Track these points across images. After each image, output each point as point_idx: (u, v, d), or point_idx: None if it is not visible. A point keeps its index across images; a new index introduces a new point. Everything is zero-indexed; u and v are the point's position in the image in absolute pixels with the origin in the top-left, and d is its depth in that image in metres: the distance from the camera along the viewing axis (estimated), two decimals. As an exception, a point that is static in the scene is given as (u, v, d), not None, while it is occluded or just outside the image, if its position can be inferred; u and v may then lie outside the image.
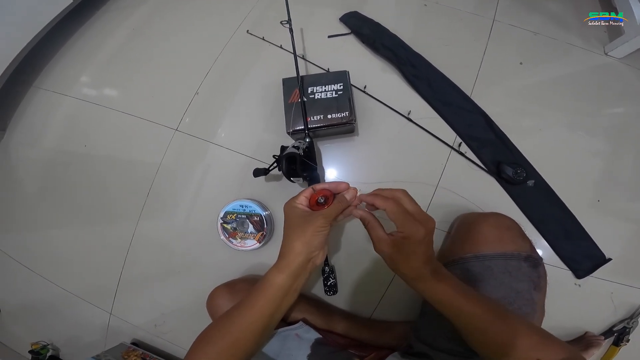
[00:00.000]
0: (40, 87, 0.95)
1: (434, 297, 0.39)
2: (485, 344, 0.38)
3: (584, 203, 0.71)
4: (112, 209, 0.83)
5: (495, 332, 0.37)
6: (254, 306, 0.40)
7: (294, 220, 0.42)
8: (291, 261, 0.40)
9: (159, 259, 0.80)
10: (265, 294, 0.40)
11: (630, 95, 0.79)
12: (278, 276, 0.40)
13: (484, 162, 0.73)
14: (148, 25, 0.97)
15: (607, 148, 0.75)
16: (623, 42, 0.78)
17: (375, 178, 0.74)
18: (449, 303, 0.39)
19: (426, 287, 0.39)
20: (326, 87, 0.70)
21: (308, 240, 0.40)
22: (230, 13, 0.92)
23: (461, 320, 0.39)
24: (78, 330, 0.84)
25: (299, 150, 0.62)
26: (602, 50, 0.83)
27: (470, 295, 0.39)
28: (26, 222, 0.88)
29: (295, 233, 0.41)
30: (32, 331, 0.86)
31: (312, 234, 0.40)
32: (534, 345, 0.35)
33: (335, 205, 0.43)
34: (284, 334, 0.56)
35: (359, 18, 0.86)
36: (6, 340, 0.89)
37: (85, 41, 0.98)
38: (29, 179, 0.89)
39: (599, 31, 0.86)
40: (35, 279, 0.85)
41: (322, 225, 0.40)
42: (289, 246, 0.41)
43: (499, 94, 0.79)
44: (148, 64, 0.91)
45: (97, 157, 0.86)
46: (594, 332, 0.68)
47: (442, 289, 0.39)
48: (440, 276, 0.40)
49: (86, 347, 0.82)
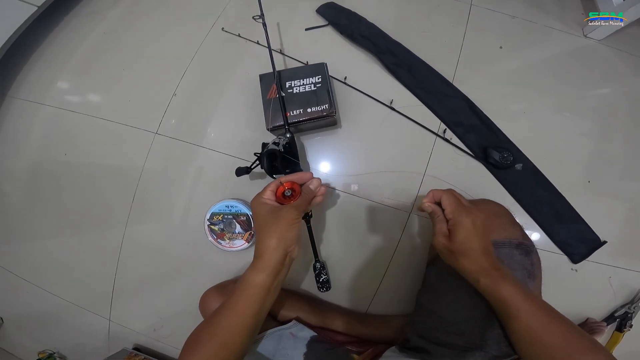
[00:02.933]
0: (15, 96, 0.92)
1: (495, 293, 0.38)
2: (536, 348, 0.37)
3: (575, 185, 0.71)
4: (99, 215, 0.82)
5: (549, 334, 0.35)
6: (237, 308, 0.40)
7: (265, 217, 0.42)
8: (269, 259, 0.40)
9: (150, 264, 0.79)
10: (247, 295, 0.40)
11: (613, 75, 0.79)
12: (258, 276, 0.40)
13: (470, 148, 0.72)
14: (120, 28, 0.94)
15: (594, 129, 0.74)
16: (600, 23, 0.77)
17: (361, 169, 0.73)
18: (509, 301, 0.37)
19: (488, 282, 0.39)
20: (304, 80, 0.69)
21: (283, 235, 0.40)
22: (203, 11, 0.90)
23: (518, 320, 0.37)
24: (81, 338, 0.85)
25: (278, 146, 0.60)
26: (581, 32, 0.82)
27: (530, 294, 0.38)
28: (16, 233, 0.87)
29: (269, 230, 0.40)
30: (36, 341, 0.86)
31: (286, 228, 0.40)
32: (582, 350, 0.34)
33: (304, 196, 0.44)
34: (277, 333, 0.56)
35: (335, 8, 0.84)
36: (13, 349, 0.90)
37: (56, 48, 0.95)
38: (15, 191, 0.88)
39: (576, 13, 0.85)
40: (32, 289, 0.85)
41: (294, 218, 0.41)
42: (264, 244, 0.40)
43: (481, 78, 0.78)
44: (122, 68, 0.89)
45: (79, 164, 0.84)
46: (596, 318, 0.67)
47: (504, 285, 0.38)
48: (502, 272, 0.39)
49: (91, 354, 0.82)
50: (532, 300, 0.37)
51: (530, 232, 0.69)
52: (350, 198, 0.72)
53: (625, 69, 0.79)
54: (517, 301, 0.37)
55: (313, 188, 0.46)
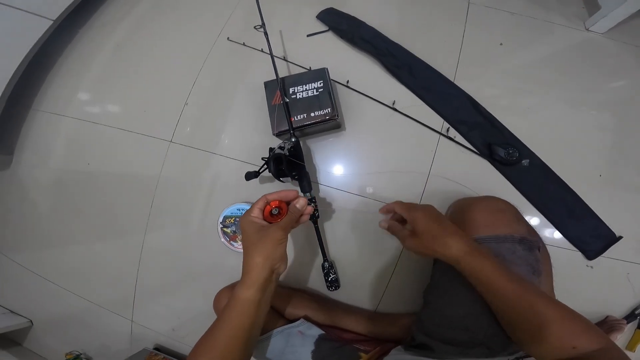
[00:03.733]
0: (38, 109, 0.98)
1: (473, 274, 0.40)
2: (522, 328, 0.38)
3: (586, 179, 0.70)
4: (120, 222, 0.87)
5: (534, 314, 0.36)
6: (231, 322, 0.42)
7: (252, 236, 0.44)
8: (256, 276, 0.42)
9: (169, 267, 0.83)
10: (239, 310, 0.42)
11: (618, 68, 0.78)
12: (246, 292, 0.42)
13: (474, 145, 0.72)
14: (131, 40, 0.99)
15: (601, 122, 0.73)
16: (601, 16, 0.77)
17: (365, 171, 0.75)
18: (487, 280, 0.39)
19: (468, 261, 0.40)
20: (307, 85, 0.71)
21: (269, 254, 0.42)
22: (209, 22, 0.94)
23: (500, 300, 0.38)
24: (106, 339, 0.89)
25: (284, 150, 0.63)
26: (583, 26, 0.81)
27: (510, 275, 0.39)
28: (44, 240, 0.93)
29: (256, 249, 0.43)
30: (64, 342, 0.90)
31: (273, 247, 0.42)
32: (571, 332, 0.34)
33: (290, 215, 0.46)
34: (287, 331, 0.58)
35: (335, 14, 0.86)
36: (41, 351, 0.94)
37: (74, 60, 1.01)
38: (42, 199, 0.93)
39: (577, 7, 0.84)
40: (60, 292, 0.89)
41: (280, 238, 0.43)
42: (251, 262, 0.42)
43: (483, 76, 0.79)
44: (136, 79, 0.94)
45: (101, 173, 0.89)
46: (616, 315, 0.66)
47: (481, 266, 0.39)
48: (478, 253, 0.40)
49: (115, 355, 0.86)
50: (514, 279, 0.38)
51: (542, 228, 0.68)
52: (357, 198, 0.74)
53: (630, 61, 0.78)
54: (496, 279, 0.38)
55: (299, 207, 0.47)
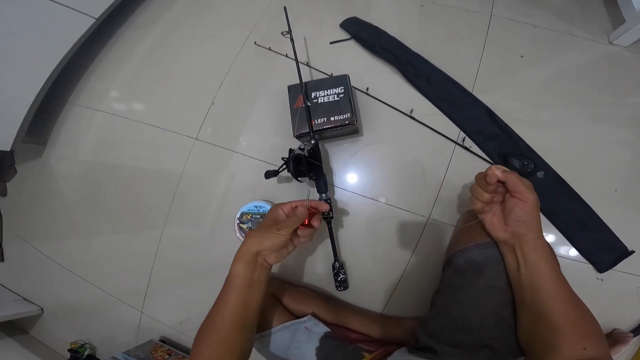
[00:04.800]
0: (74, 103, 1.03)
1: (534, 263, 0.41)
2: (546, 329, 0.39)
3: (600, 193, 0.70)
4: (141, 215, 0.90)
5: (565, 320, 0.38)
6: (226, 299, 0.46)
7: (265, 222, 0.50)
8: (243, 251, 0.47)
9: (183, 260, 0.85)
10: (231, 284, 0.46)
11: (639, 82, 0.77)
12: (235, 265, 0.47)
13: (490, 156, 0.73)
14: (164, 41, 1.04)
15: (620, 137, 0.73)
16: (626, 29, 0.76)
17: (380, 176, 0.77)
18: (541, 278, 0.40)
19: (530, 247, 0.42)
20: (328, 91, 0.74)
21: (261, 239, 0.47)
22: (238, 26, 0.98)
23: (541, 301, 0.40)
24: (113, 330, 0.91)
25: (304, 151, 0.66)
26: (607, 39, 0.81)
27: (561, 280, 0.41)
28: (68, 230, 0.96)
29: (258, 231, 0.49)
30: (71, 331, 0.93)
31: (269, 235, 0.47)
32: (584, 334, 0.37)
33: (292, 218, 0.48)
34: (294, 326, 0.59)
35: (358, 23, 0.89)
36: (47, 340, 0.97)
37: (110, 58, 1.07)
38: (68, 189, 0.98)
39: (602, 20, 0.84)
40: (74, 279, 0.93)
41: (277, 233, 0.47)
42: (246, 239, 0.48)
43: (501, 87, 0.80)
44: (167, 79, 0.99)
45: (128, 167, 0.93)
46: (622, 329, 0.66)
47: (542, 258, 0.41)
48: (545, 246, 0.42)
49: (120, 347, 0.87)
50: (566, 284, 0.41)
51: (554, 240, 0.69)
52: (370, 202, 0.76)
53: None
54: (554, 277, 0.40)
55: (298, 214, 0.48)
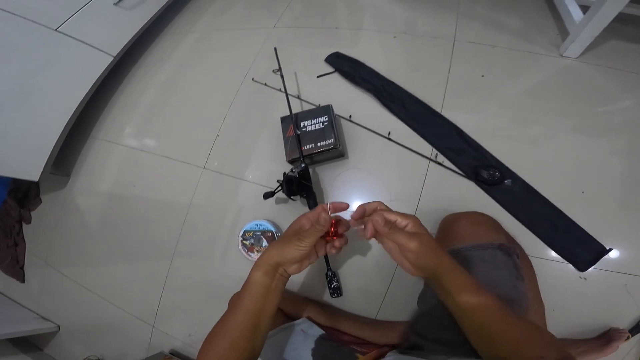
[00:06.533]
0: (96, 137, 1.14)
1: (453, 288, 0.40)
2: (495, 343, 0.38)
3: (568, 196, 0.74)
4: (154, 240, 0.97)
5: (508, 328, 0.38)
6: (242, 305, 0.45)
7: (288, 231, 0.49)
8: (264, 261, 0.46)
9: (193, 279, 0.92)
10: (249, 291, 0.45)
11: (591, 90, 0.85)
12: (255, 273, 0.46)
13: (461, 169, 0.81)
14: (174, 79, 1.18)
15: (580, 142, 0.79)
16: (571, 41, 0.84)
17: (365, 192, 0.86)
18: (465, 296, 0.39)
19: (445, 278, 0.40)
20: (315, 120, 0.85)
21: (283, 250, 0.46)
22: (237, 65, 1.11)
23: (475, 316, 0.39)
24: (125, 345, 0.96)
25: (294, 173, 0.76)
26: (557, 52, 0.90)
27: (484, 291, 0.39)
28: (85, 254, 1.04)
29: (279, 241, 0.48)
30: (86, 347, 0.97)
31: (290, 247, 0.45)
32: (539, 344, 0.37)
33: (313, 229, 0.46)
34: (290, 328, 0.61)
35: (340, 57, 1.02)
36: (60, 357, 1.01)
37: (127, 95, 1.19)
38: (90, 220, 1.07)
39: (552, 35, 0.93)
40: (92, 299, 0.99)
41: (299, 244, 0.45)
42: (268, 249, 0.47)
43: (467, 106, 0.88)
44: (177, 114, 1.11)
45: (142, 198, 1.02)
46: (621, 327, 0.67)
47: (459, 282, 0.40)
48: (457, 270, 0.41)
49: None
50: (488, 295, 0.39)
51: (530, 243, 0.73)
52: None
53: (605, 83, 0.85)
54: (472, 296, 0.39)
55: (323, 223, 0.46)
